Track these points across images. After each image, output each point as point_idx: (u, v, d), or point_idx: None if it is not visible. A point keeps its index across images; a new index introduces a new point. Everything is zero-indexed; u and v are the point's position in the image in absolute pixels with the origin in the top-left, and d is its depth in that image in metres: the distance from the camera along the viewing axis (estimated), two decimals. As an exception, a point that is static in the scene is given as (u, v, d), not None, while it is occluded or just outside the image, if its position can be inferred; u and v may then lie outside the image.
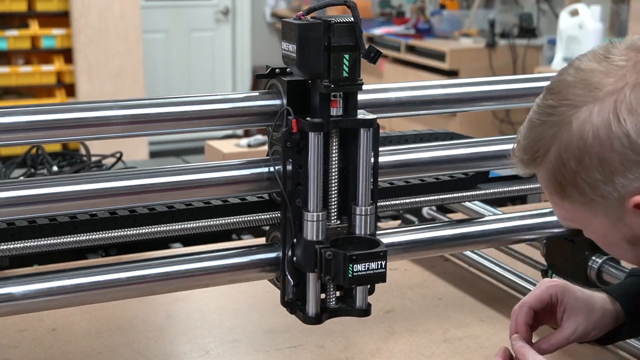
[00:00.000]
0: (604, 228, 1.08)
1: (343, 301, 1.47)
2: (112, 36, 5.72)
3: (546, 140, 1.07)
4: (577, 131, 1.02)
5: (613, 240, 1.11)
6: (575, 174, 1.04)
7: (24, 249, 1.33)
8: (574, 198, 1.07)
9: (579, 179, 1.04)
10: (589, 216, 1.08)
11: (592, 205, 1.06)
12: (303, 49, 1.32)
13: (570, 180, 1.05)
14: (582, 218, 1.10)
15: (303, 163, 1.38)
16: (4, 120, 1.28)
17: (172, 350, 1.70)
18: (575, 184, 1.05)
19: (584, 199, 1.06)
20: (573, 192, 1.06)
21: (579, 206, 1.08)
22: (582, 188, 1.05)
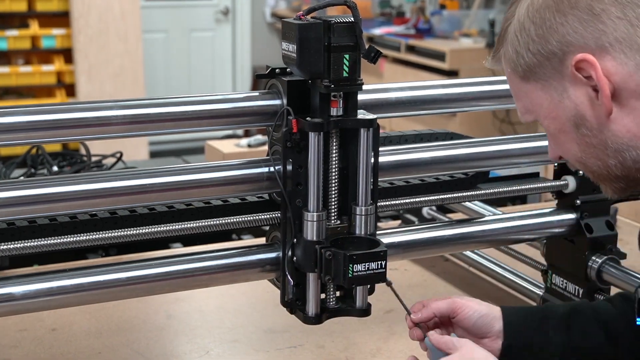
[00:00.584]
0: (552, 108, 1.11)
1: (343, 301, 1.47)
2: (112, 36, 5.72)
3: (509, 14, 1.14)
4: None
5: (562, 126, 1.11)
6: (528, 35, 1.09)
7: (24, 249, 1.33)
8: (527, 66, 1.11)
9: (530, 40, 1.09)
10: (541, 95, 1.11)
11: (541, 75, 1.10)
12: (303, 49, 1.32)
13: (523, 44, 1.10)
14: (536, 99, 1.12)
15: (303, 163, 1.38)
16: (4, 120, 1.28)
17: (172, 350, 1.70)
18: (527, 46, 1.10)
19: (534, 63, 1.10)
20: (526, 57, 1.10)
21: (532, 80, 1.11)
22: (532, 50, 1.09)
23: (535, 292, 1.84)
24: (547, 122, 1.14)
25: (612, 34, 1.04)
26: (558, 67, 1.08)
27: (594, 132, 1.09)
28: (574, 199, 1.72)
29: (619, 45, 1.04)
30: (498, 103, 1.67)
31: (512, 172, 2.45)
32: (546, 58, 1.08)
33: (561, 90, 1.09)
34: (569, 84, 1.08)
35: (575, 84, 1.07)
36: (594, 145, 1.10)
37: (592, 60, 1.04)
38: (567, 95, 1.09)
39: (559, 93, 1.10)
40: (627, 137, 1.07)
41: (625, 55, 1.04)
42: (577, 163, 1.16)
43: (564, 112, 1.10)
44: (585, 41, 1.05)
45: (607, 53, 1.04)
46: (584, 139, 1.11)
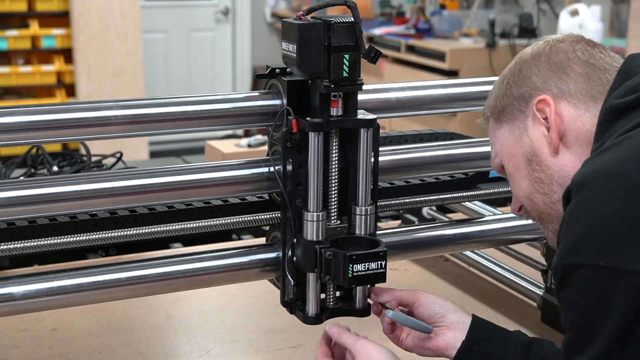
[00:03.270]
0: (513, 146, 1.26)
1: (343, 301, 1.47)
2: (112, 36, 5.72)
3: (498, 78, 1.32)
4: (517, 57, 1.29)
5: (517, 163, 1.25)
6: (507, 84, 1.27)
7: (24, 249, 1.33)
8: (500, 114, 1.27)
9: (507, 88, 1.27)
10: (507, 136, 1.27)
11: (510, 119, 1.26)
12: (303, 49, 1.32)
13: (503, 91, 1.27)
14: (503, 141, 1.28)
15: (303, 163, 1.38)
16: (4, 120, 1.28)
17: (172, 350, 1.70)
18: (504, 94, 1.27)
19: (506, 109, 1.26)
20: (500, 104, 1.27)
21: (504, 127, 1.27)
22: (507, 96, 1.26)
23: (535, 292, 1.84)
24: (507, 160, 1.28)
25: (571, 85, 1.21)
26: (524, 108, 1.24)
27: (542, 167, 1.22)
28: (574, 199, 1.72)
29: (574, 95, 1.20)
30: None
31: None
32: (517, 99, 1.25)
33: (522, 128, 1.24)
34: (530, 122, 1.23)
35: (534, 123, 1.23)
36: (542, 180, 1.23)
37: (550, 101, 1.20)
38: (527, 133, 1.24)
39: (520, 131, 1.25)
40: (572, 173, 1.15)
41: (581, 102, 1.20)
42: (526, 200, 1.27)
43: (521, 148, 1.24)
44: (549, 87, 1.22)
45: (564, 99, 1.20)
46: (534, 174, 1.23)
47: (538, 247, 1.84)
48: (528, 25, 5.96)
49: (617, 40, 4.93)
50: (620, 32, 5.18)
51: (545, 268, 1.81)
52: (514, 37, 5.89)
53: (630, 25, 4.72)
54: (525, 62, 1.26)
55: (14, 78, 5.67)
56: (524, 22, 5.96)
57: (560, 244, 1.01)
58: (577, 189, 1.01)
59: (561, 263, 0.99)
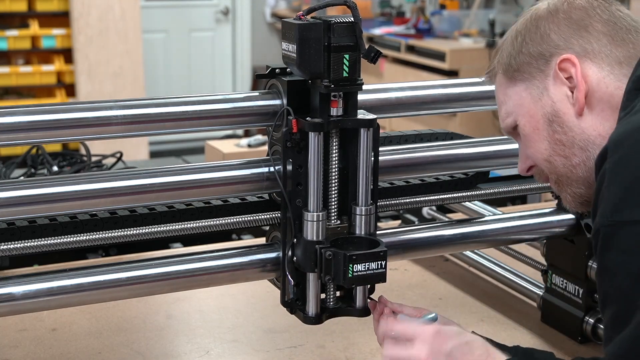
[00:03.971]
0: (532, 106, 1.22)
1: (343, 301, 1.47)
2: (112, 36, 5.72)
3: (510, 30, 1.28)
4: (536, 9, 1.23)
5: (536, 124, 1.22)
6: (523, 40, 1.22)
7: (24, 249, 1.33)
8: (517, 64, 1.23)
9: (523, 44, 1.22)
10: (524, 94, 1.23)
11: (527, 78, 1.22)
12: (303, 49, 1.32)
13: (517, 48, 1.23)
14: (519, 99, 1.24)
15: (303, 163, 1.38)
16: (4, 120, 1.28)
17: (172, 350, 1.70)
18: (520, 51, 1.23)
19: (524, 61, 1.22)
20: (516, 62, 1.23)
21: (518, 86, 1.23)
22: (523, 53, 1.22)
23: (535, 292, 1.84)
24: (524, 120, 1.24)
25: (595, 44, 1.18)
26: (543, 67, 1.21)
27: (564, 128, 1.19)
28: (574, 199, 1.72)
29: (599, 54, 1.17)
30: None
31: (512, 172, 2.45)
32: (534, 58, 1.21)
33: (542, 88, 1.21)
34: (551, 82, 1.20)
35: (556, 83, 1.20)
36: (563, 142, 1.20)
37: (575, 61, 1.17)
38: (547, 93, 1.20)
39: (539, 91, 1.21)
40: (593, 136, 1.16)
41: (605, 62, 1.17)
42: (544, 162, 1.24)
43: (541, 109, 1.21)
44: (571, 46, 1.18)
45: (588, 59, 1.18)
46: (554, 136, 1.21)
47: (538, 247, 1.84)
48: (528, 25, 5.94)
49: (617, 40, 4.92)
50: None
51: (545, 268, 1.81)
52: (514, 37, 5.87)
53: (630, 25, 4.71)
54: (542, 18, 1.22)
55: (14, 78, 5.67)
56: (524, 22, 5.95)
57: (600, 204, 0.98)
58: (614, 147, 0.99)
59: (605, 222, 0.95)
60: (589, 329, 1.70)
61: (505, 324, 1.82)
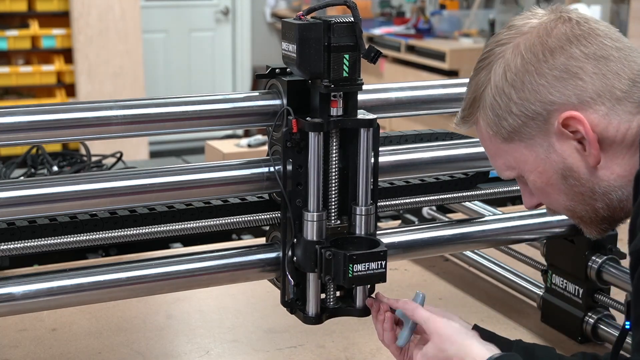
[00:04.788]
0: (539, 163, 1.16)
1: (343, 301, 1.47)
2: (112, 36, 5.72)
3: (483, 79, 1.18)
4: (508, 60, 1.15)
5: (549, 179, 1.16)
6: (509, 98, 1.14)
7: (24, 249, 1.33)
8: (510, 128, 1.16)
9: (511, 103, 1.14)
10: (525, 152, 1.16)
11: (526, 135, 1.15)
12: (303, 49, 1.32)
13: (504, 108, 1.15)
14: (520, 156, 1.17)
15: (303, 163, 1.38)
16: (4, 120, 1.28)
17: (172, 350, 1.70)
18: (509, 109, 1.15)
19: (517, 125, 1.15)
20: (508, 120, 1.15)
21: (516, 139, 1.16)
22: (514, 113, 1.14)
23: (535, 292, 1.84)
24: (534, 176, 1.18)
25: (591, 89, 1.11)
26: (542, 126, 1.14)
27: (582, 181, 1.15)
28: (574, 199, 1.72)
29: (599, 99, 1.11)
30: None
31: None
32: (530, 118, 1.14)
33: (547, 146, 1.15)
34: (555, 139, 1.14)
35: (561, 139, 1.13)
36: (582, 193, 1.16)
37: (580, 117, 1.11)
38: (554, 150, 1.15)
39: (544, 149, 1.15)
40: (613, 179, 1.14)
41: (605, 106, 1.11)
42: (565, 211, 1.20)
43: (551, 166, 1.16)
44: (568, 98, 1.11)
45: (589, 107, 1.11)
46: (572, 189, 1.16)
47: (538, 247, 1.84)
48: (528, 25, 5.94)
49: (617, 40, 4.93)
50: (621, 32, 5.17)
51: (545, 268, 1.81)
52: (514, 37, 5.87)
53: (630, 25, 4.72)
54: (522, 72, 1.13)
55: (14, 78, 5.67)
56: (524, 22, 5.95)
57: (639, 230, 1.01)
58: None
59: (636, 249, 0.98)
60: (588, 329, 1.70)
61: (505, 324, 1.82)
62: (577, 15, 1.16)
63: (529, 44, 1.14)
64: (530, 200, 1.24)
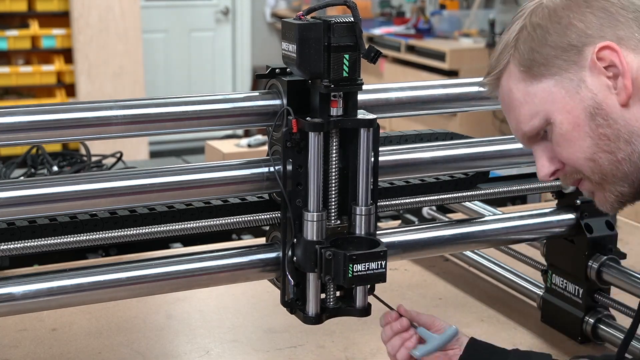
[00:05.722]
0: (568, 101, 1.13)
1: (343, 301, 1.47)
2: (112, 36, 5.72)
3: (516, 27, 1.17)
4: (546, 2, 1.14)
5: (576, 120, 1.13)
6: (545, 32, 1.13)
7: (24, 249, 1.33)
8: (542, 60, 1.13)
9: (547, 36, 1.13)
10: (554, 90, 1.13)
11: (557, 72, 1.13)
12: (303, 49, 1.32)
13: (540, 40, 1.13)
14: (548, 96, 1.14)
15: (303, 163, 1.38)
16: (4, 120, 1.28)
17: (172, 350, 1.70)
18: (544, 43, 1.13)
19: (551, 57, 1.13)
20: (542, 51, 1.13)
21: (546, 75, 1.14)
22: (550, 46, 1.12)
23: (535, 292, 1.84)
24: (562, 117, 1.14)
25: (627, 29, 1.10)
26: (575, 59, 1.12)
27: (609, 121, 1.11)
28: (574, 199, 1.72)
29: (632, 41, 1.10)
30: (498, 103, 1.67)
31: (512, 172, 2.45)
32: (564, 50, 1.12)
33: (577, 81, 1.12)
34: (587, 73, 1.11)
35: (593, 74, 1.11)
36: (607, 136, 1.12)
37: (616, 48, 1.09)
38: (585, 85, 1.12)
39: (575, 84, 1.12)
40: (637, 127, 1.11)
41: (637, 49, 1.10)
42: (587, 162, 1.15)
43: (580, 102, 1.12)
44: (604, 34, 1.10)
45: (624, 45, 1.10)
46: (598, 130, 1.12)
47: (538, 247, 1.84)
48: (528, 25, 5.94)
49: (617, 40, 4.92)
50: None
51: (545, 268, 1.81)
52: (514, 37, 5.87)
53: (630, 25, 4.71)
54: (560, 8, 1.13)
55: (14, 78, 5.67)
56: (524, 22, 5.95)
57: None
58: None
59: None
60: (589, 329, 1.70)
61: (505, 324, 1.82)
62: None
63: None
64: (550, 165, 1.19)
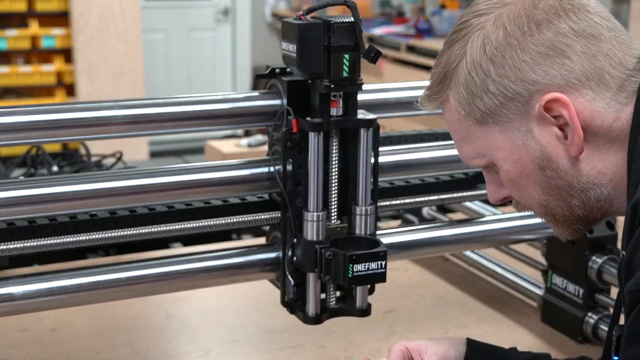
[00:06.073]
0: (514, 150, 1.05)
1: (343, 301, 1.47)
2: (112, 36, 5.72)
3: (457, 53, 1.06)
4: (488, 32, 1.02)
5: (524, 169, 1.05)
6: (486, 75, 1.02)
7: (24, 249, 1.33)
8: (485, 108, 1.04)
9: (489, 81, 1.02)
10: (499, 137, 1.05)
11: (502, 117, 1.03)
12: (303, 49, 1.32)
13: (480, 85, 1.03)
14: (493, 141, 1.06)
15: (303, 163, 1.38)
16: (4, 120, 1.28)
17: (172, 350, 1.70)
18: (486, 87, 1.03)
19: (494, 106, 1.03)
20: (483, 100, 1.03)
21: (490, 122, 1.05)
22: (492, 92, 1.02)
23: (535, 292, 1.84)
24: (507, 165, 1.07)
25: (579, 69, 1.00)
26: (522, 108, 1.02)
27: (560, 173, 1.04)
28: (574, 199, 1.72)
29: (586, 82, 1.00)
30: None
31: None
32: (509, 99, 1.02)
33: (525, 131, 1.03)
34: (535, 124, 1.03)
35: (542, 124, 1.02)
36: (559, 186, 1.05)
37: (565, 100, 1.00)
38: (532, 136, 1.03)
39: (522, 134, 1.04)
40: (593, 175, 1.04)
41: (593, 91, 1.01)
42: (538, 207, 1.10)
43: (527, 154, 1.05)
44: (552, 79, 1.00)
45: (575, 90, 1.00)
46: (548, 181, 1.06)
47: (538, 247, 1.84)
48: (528, 25, 5.95)
49: (617, 40, 4.93)
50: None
51: (545, 268, 1.81)
52: (514, 37, 5.88)
53: (630, 25, 4.72)
54: (501, 46, 1.01)
55: (14, 78, 5.67)
56: (524, 22, 5.96)
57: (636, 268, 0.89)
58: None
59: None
60: (589, 329, 1.70)
61: (505, 324, 1.82)
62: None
63: (512, 15, 1.01)
64: (498, 192, 1.12)
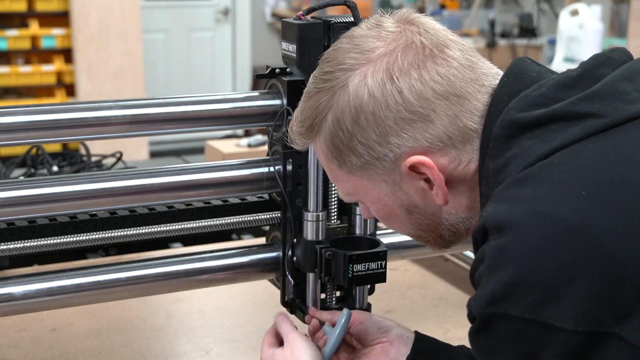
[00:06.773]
0: (382, 197, 1.08)
1: (343, 301, 1.47)
2: (112, 36, 5.72)
3: (323, 106, 1.06)
4: (352, 92, 1.03)
5: (392, 211, 1.10)
6: (352, 136, 1.04)
7: (24, 249, 1.33)
8: (352, 164, 1.06)
9: (355, 141, 1.04)
10: (367, 185, 1.08)
11: (370, 171, 1.06)
12: (303, 49, 1.32)
13: (347, 144, 1.05)
14: (361, 187, 1.09)
15: (303, 163, 1.38)
16: (4, 120, 1.28)
17: (172, 350, 1.70)
18: (352, 147, 1.04)
19: (360, 164, 1.05)
20: (350, 157, 1.06)
21: (357, 174, 1.07)
22: (358, 151, 1.04)
23: (535, 292, 1.84)
24: (376, 207, 1.10)
25: (442, 132, 1.02)
26: (389, 166, 1.04)
27: (427, 215, 1.09)
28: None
29: (450, 142, 1.02)
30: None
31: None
32: (376, 159, 1.04)
33: (392, 183, 1.06)
34: (400, 178, 1.05)
35: (408, 179, 1.05)
36: (428, 224, 1.10)
37: (429, 163, 1.02)
38: (399, 187, 1.06)
39: (389, 186, 1.06)
40: (461, 211, 1.08)
41: (457, 149, 1.03)
42: (409, 236, 1.15)
43: (395, 201, 1.08)
44: (417, 142, 1.02)
45: (440, 150, 1.02)
46: (417, 222, 1.10)
47: (538, 247, 1.84)
48: (528, 25, 5.96)
49: (617, 40, 4.94)
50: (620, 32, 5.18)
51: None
52: (514, 37, 5.89)
53: (630, 25, 4.73)
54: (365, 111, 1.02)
55: (13, 78, 5.67)
56: (524, 22, 5.97)
57: (479, 287, 0.93)
58: (500, 229, 0.89)
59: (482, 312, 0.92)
60: (589, 329, 1.70)
61: (505, 324, 1.82)
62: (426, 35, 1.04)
63: (377, 78, 1.02)
64: (369, 213, 1.15)
